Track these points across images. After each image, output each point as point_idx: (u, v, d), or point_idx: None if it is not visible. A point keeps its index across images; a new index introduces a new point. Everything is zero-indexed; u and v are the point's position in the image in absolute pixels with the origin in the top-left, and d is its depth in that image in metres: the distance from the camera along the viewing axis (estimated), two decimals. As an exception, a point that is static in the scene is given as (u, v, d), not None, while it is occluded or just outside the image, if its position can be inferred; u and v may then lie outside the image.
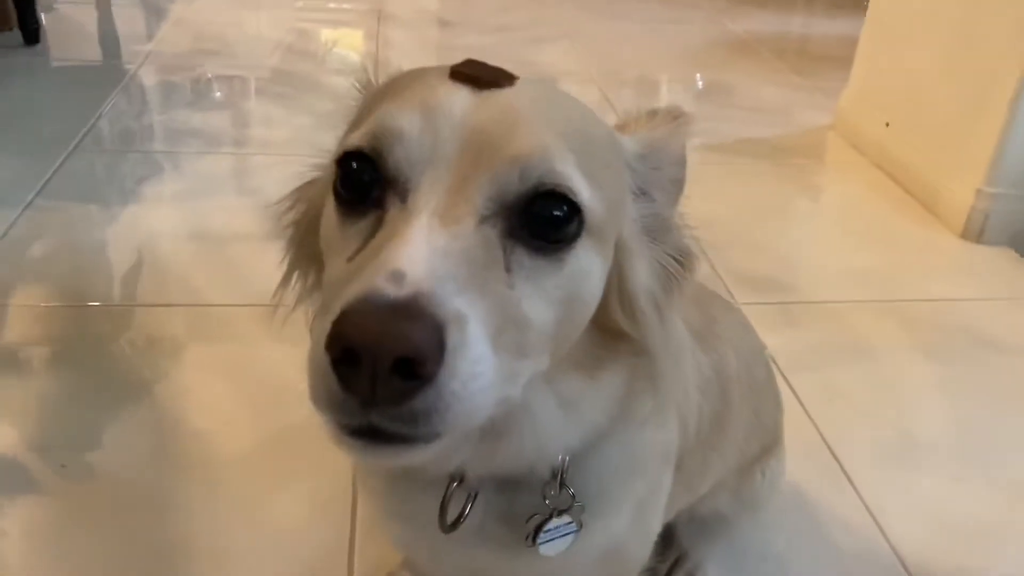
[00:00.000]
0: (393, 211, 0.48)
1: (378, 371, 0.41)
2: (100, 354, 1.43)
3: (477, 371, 0.44)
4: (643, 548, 0.74)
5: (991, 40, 1.92)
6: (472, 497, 0.60)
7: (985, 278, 1.87)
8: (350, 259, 0.49)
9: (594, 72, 3.00)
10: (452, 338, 0.42)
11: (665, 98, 2.99)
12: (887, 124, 2.33)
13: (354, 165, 0.50)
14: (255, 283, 1.61)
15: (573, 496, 0.61)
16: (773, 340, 1.57)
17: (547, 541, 0.61)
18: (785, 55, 3.36)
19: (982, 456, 1.35)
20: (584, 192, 0.49)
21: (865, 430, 1.39)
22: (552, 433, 0.57)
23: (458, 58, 0.53)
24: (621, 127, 0.60)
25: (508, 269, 0.48)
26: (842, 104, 2.58)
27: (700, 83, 3.06)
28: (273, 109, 2.52)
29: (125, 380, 1.36)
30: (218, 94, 2.64)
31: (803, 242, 2.01)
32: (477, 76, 0.51)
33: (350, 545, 1.10)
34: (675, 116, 0.59)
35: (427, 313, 0.42)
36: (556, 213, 0.49)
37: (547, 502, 0.60)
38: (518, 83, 0.52)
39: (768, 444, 1.04)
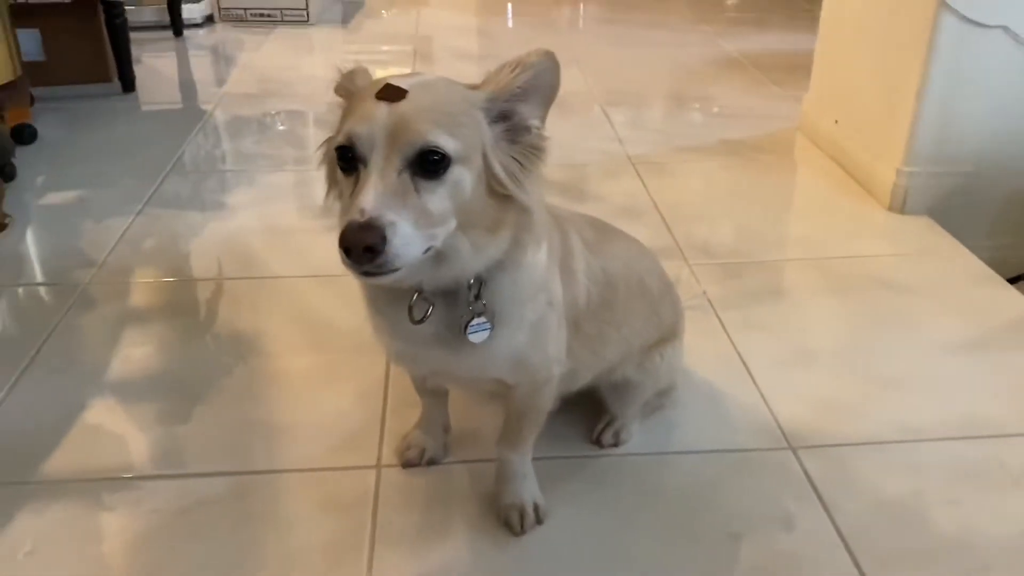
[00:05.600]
0: (363, 171, 0.94)
1: (358, 252, 0.88)
2: (202, 312, 1.95)
3: (406, 243, 0.90)
4: (543, 362, 1.19)
5: (903, 47, 2.34)
6: (430, 309, 1.07)
7: (898, 239, 2.27)
8: (351, 196, 0.95)
9: (596, 92, 3.49)
10: (389, 232, 0.89)
11: (657, 111, 3.45)
12: (836, 121, 2.75)
13: (342, 151, 0.96)
14: (311, 260, 2.13)
15: (484, 305, 1.07)
16: (714, 288, 2.03)
17: (473, 333, 1.08)
18: (767, 68, 3.79)
19: (858, 361, 1.76)
20: (449, 144, 0.94)
21: (771, 346, 1.81)
22: (468, 262, 1.02)
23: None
24: (484, 83, 1.02)
25: (417, 191, 0.94)
26: (804, 108, 3.01)
27: (690, 99, 3.51)
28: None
29: (221, 327, 1.88)
30: (281, 126, 3.19)
31: (754, 218, 2.44)
32: (388, 97, 0.96)
33: (381, 421, 1.57)
34: (514, 66, 1.01)
35: (375, 226, 0.88)
36: (435, 158, 0.94)
37: (471, 308, 1.07)
38: (409, 94, 0.95)
39: (666, 335, 1.48)
